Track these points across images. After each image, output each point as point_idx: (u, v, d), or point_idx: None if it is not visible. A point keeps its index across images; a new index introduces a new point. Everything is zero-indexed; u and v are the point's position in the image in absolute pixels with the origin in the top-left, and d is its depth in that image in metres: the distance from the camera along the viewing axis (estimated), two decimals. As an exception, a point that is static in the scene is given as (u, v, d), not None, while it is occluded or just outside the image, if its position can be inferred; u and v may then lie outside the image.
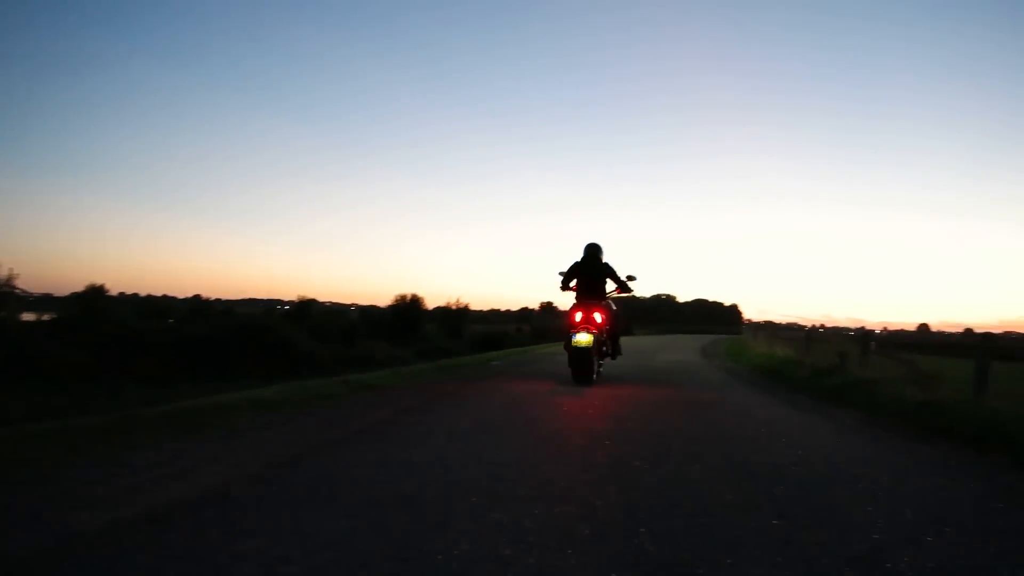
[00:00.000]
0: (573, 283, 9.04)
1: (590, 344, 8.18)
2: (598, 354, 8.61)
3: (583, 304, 8.58)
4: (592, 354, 8.27)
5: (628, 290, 9.17)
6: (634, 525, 2.79)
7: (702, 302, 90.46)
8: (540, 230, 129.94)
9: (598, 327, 8.47)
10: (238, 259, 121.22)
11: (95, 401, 9.37)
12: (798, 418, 6.41)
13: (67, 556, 2.30)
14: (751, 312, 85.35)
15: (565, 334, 8.61)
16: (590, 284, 8.88)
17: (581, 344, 8.20)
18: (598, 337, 8.44)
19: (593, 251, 9.06)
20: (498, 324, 53.01)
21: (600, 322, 8.51)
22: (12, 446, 3.95)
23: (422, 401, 6.67)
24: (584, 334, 8.21)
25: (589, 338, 8.19)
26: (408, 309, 38.18)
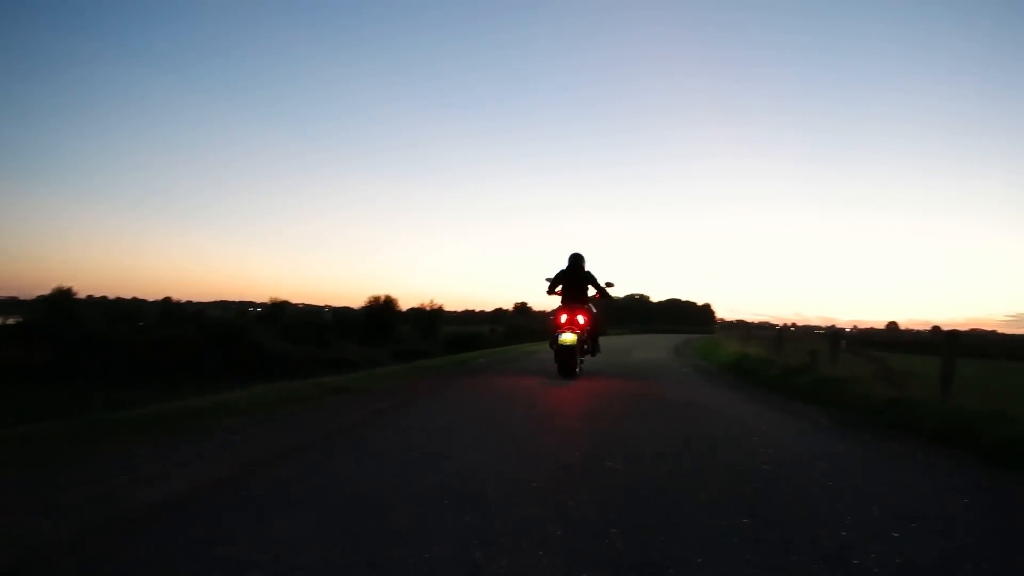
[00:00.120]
0: (558, 288, 9.90)
1: (574, 343, 9.12)
2: (580, 352, 9.47)
3: (568, 307, 9.46)
4: (576, 352, 9.20)
5: (607, 296, 10.16)
6: (606, 525, 2.79)
7: (675, 302, 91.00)
8: (514, 231, 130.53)
9: (581, 328, 9.34)
10: (209, 261, 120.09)
11: (61, 406, 9.20)
12: (769, 416, 6.48)
13: (29, 567, 2.25)
14: (723, 311, 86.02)
15: (551, 334, 9.57)
16: (574, 290, 9.76)
17: (566, 343, 9.11)
18: (581, 337, 9.33)
19: (577, 260, 9.87)
20: (472, 325, 53.11)
21: (583, 323, 9.39)
22: (-30, 453, 3.84)
23: (395, 403, 6.62)
24: (569, 334, 9.13)
25: (573, 337, 9.11)
26: (382, 310, 38.06)
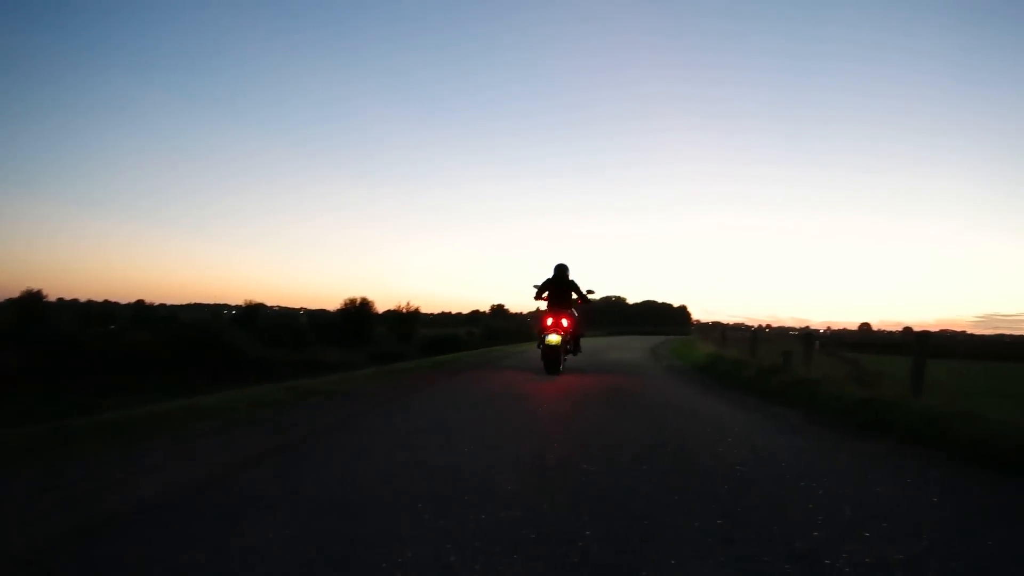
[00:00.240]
0: (545, 294, 11.00)
1: (559, 343, 10.26)
2: (564, 351, 10.59)
3: (553, 311, 10.56)
4: (560, 351, 10.33)
5: (588, 302, 11.34)
6: (580, 527, 2.79)
7: (651, 303, 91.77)
8: (490, 234, 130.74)
9: (564, 330, 10.42)
10: (182, 263, 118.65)
11: (29, 411, 9.01)
12: (743, 417, 6.52)
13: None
14: (699, 313, 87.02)
15: (538, 336, 10.69)
16: (559, 296, 10.84)
17: (552, 343, 10.23)
18: (565, 338, 10.43)
19: (562, 270, 11.01)
20: (449, 327, 52.98)
21: (566, 326, 10.48)
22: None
23: (369, 406, 6.57)
24: (554, 335, 10.25)
25: (558, 338, 10.24)
26: (358, 313, 37.86)
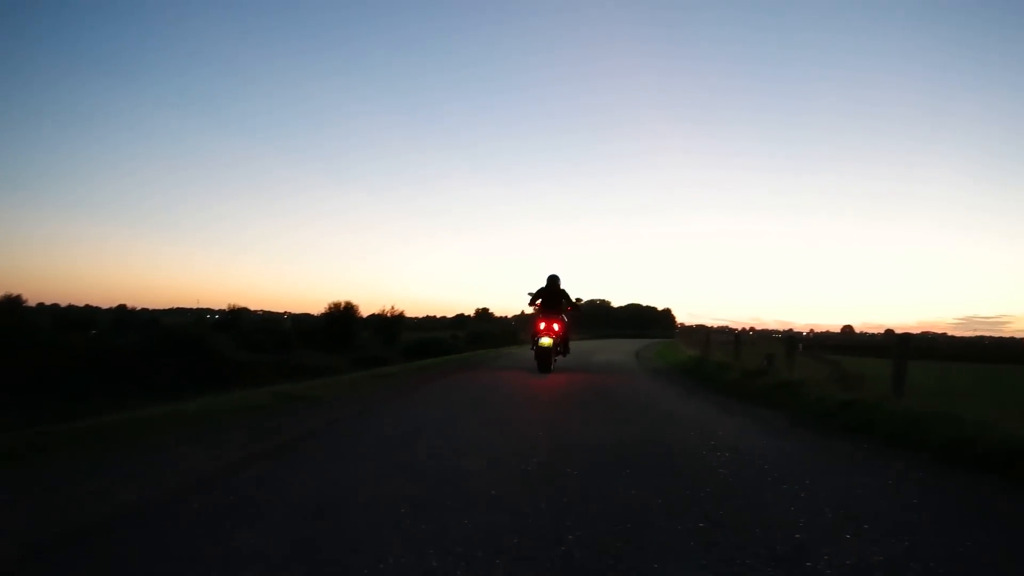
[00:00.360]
0: (539, 301, 12.19)
1: (551, 345, 11.55)
2: (555, 352, 11.88)
3: (546, 317, 11.75)
4: (551, 352, 11.62)
5: (577, 309, 12.81)
6: (561, 529, 2.78)
7: (636, 307, 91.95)
8: (475, 238, 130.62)
9: (555, 334, 11.68)
10: (164, 267, 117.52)
11: (6, 418, 8.88)
12: (726, 420, 6.54)
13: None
14: (683, 316, 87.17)
15: (532, 338, 12.06)
16: (551, 303, 12.08)
17: (545, 345, 11.53)
18: (556, 340, 11.74)
19: (554, 280, 12.29)
20: (433, 331, 52.83)
21: (557, 330, 11.74)
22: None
23: (352, 412, 6.53)
24: (547, 338, 11.52)
25: (550, 341, 11.52)
26: (342, 317, 37.65)
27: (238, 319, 38.58)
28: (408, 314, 49.27)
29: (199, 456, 4.27)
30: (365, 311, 41.66)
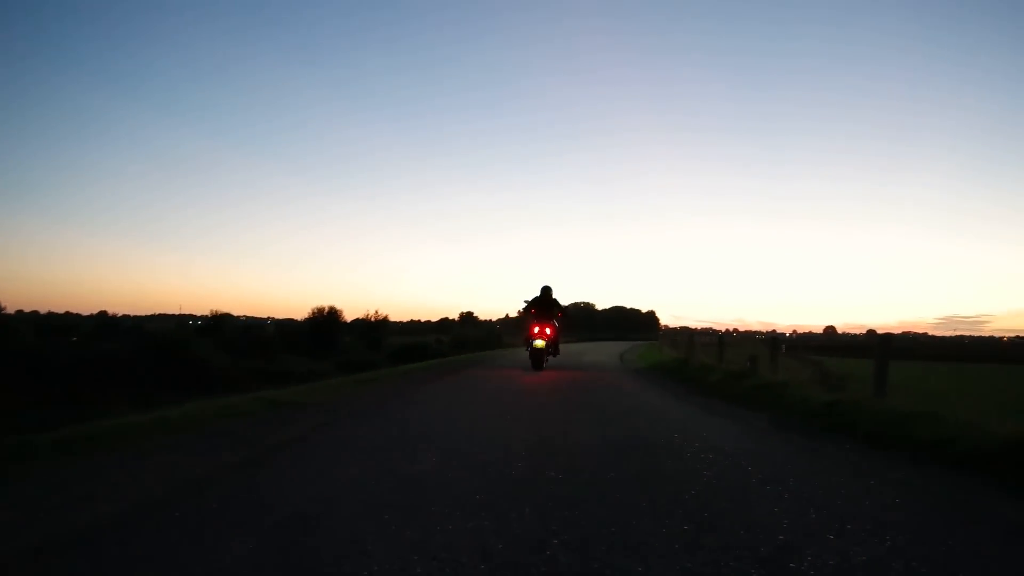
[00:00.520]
0: (533, 309, 13.75)
1: (543, 347, 13.34)
2: (547, 353, 13.67)
3: (539, 322, 13.36)
4: (544, 352, 13.45)
5: (566, 316, 15.01)
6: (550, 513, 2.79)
7: (620, 309, 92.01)
8: (459, 242, 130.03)
9: (547, 337, 13.40)
10: (146, 273, 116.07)
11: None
12: (710, 421, 6.58)
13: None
14: (667, 318, 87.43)
15: (527, 341, 13.75)
16: (544, 310, 13.65)
17: (538, 346, 13.25)
18: (548, 343, 13.48)
19: (547, 290, 13.88)
20: (417, 335, 52.73)
21: (549, 334, 13.43)
22: None
23: (336, 417, 6.50)
24: (540, 340, 13.24)
25: (542, 343, 13.28)
26: (326, 322, 37.45)
27: (221, 325, 38.22)
28: (392, 318, 49.14)
29: (183, 464, 4.23)
30: (349, 316, 41.48)
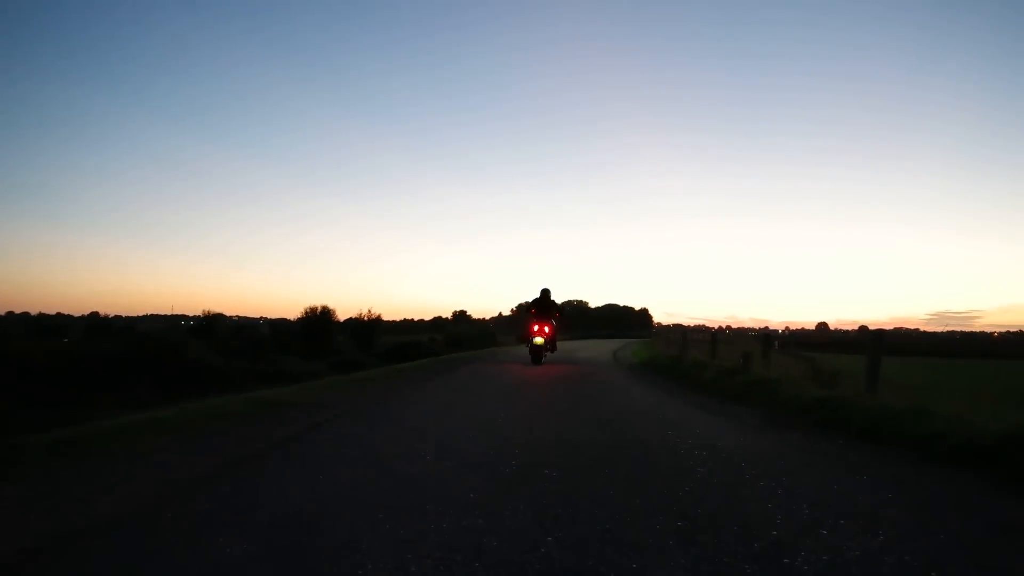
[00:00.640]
0: (532, 309, 14.99)
1: (542, 343, 14.64)
2: (545, 349, 14.93)
3: (538, 321, 14.65)
4: (542, 349, 14.75)
5: (563, 316, 16.34)
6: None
7: (613, 307, 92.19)
8: (452, 241, 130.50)
9: (546, 335, 14.71)
10: (138, 274, 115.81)
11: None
12: (703, 418, 6.59)
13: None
14: (660, 315, 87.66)
15: (527, 338, 15.10)
16: (543, 311, 14.88)
17: (537, 343, 14.60)
18: (546, 340, 14.77)
19: (546, 292, 15.10)
20: (411, 334, 52.67)
21: (547, 333, 14.73)
22: None
23: (330, 416, 6.48)
24: (539, 338, 14.57)
25: (541, 340, 14.60)
26: (319, 321, 37.27)
27: (213, 325, 37.98)
28: (385, 317, 49.01)
29: (176, 465, 4.21)
30: (342, 315, 41.35)
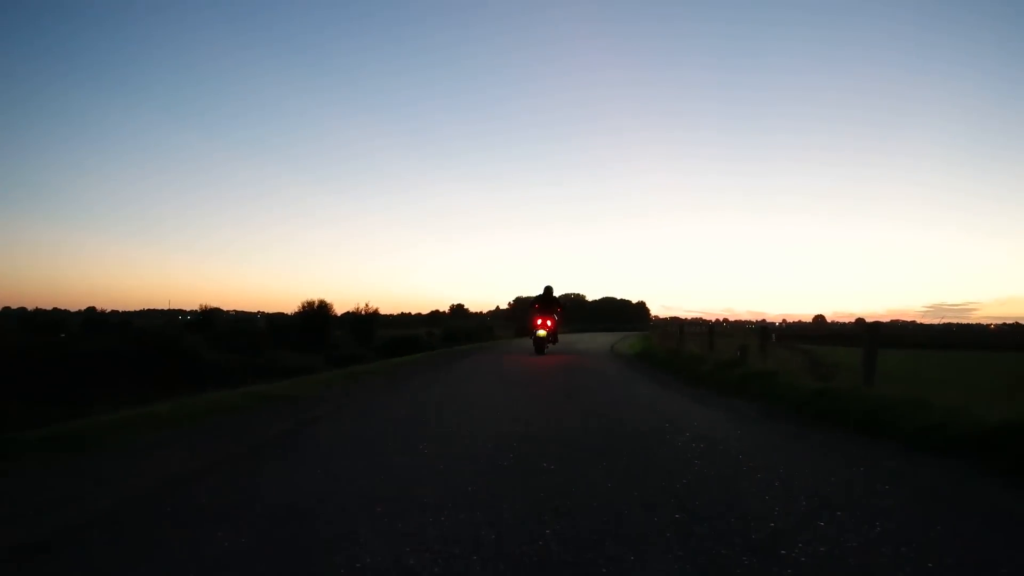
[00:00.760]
0: (536, 304, 16.62)
1: (545, 336, 16.31)
2: (548, 341, 16.52)
3: (542, 315, 16.28)
4: (545, 341, 16.39)
5: (564, 310, 18.13)
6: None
7: (610, 300, 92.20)
8: (448, 234, 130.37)
9: (549, 328, 16.33)
10: (134, 269, 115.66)
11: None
12: (701, 411, 6.60)
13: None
14: (657, 308, 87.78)
15: (531, 331, 16.63)
16: (546, 305, 16.51)
17: (541, 335, 16.25)
18: (549, 333, 16.40)
19: (549, 288, 16.68)
20: (408, 328, 52.74)
21: (550, 326, 16.37)
22: None
23: (327, 410, 6.48)
24: (542, 331, 16.19)
25: (544, 333, 16.23)
26: (316, 315, 37.31)
27: (211, 320, 38.01)
28: (382, 311, 49.07)
29: (173, 459, 4.21)
30: (339, 309, 41.39)
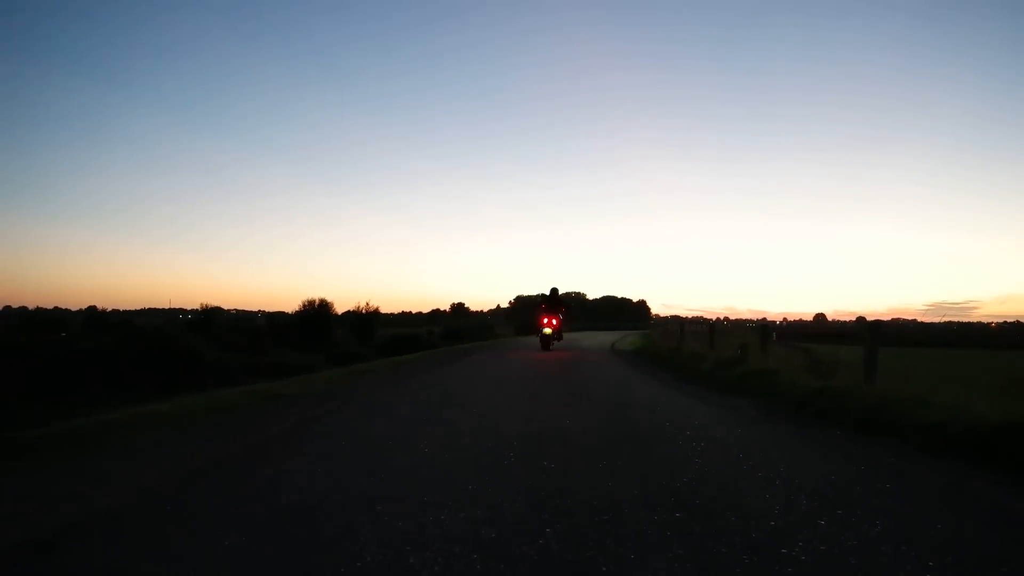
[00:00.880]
0: (543, 304, 17.74)
1: (551, 334, 17.39)
2: (553, 338, 17.63)
3: (548, 314, 17.41)
4: (551, 338, 17.48)
5: (569, 310, 19.14)
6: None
7: (611, 299, 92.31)
8: (449, 233, 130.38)
9: (554, 327, 17.44)
10: (135, 268, 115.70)
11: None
12: (701, 409, 6.59)
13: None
14: (658, 307, 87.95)
15: (538, 329, 17.80)
16: (551, 305, 17.67)
17: (547, 333, 17.34)
18: (554, 331, 17.50)
19: (555, 290, 17.97)
20: (409, 326, 52.81)
21: (555, 324, 17.45)
22: None
23: (327, 409, 6.48)
24: (548, 329, 17.29)
25: (550, 331, 17.32)
26: (317, 314, 37.34)
27: (211, 319, 38.03)
28: (383, 310, 49.15)
29: (174, 457, 4.21)
30: (340, 308, 41.45)
